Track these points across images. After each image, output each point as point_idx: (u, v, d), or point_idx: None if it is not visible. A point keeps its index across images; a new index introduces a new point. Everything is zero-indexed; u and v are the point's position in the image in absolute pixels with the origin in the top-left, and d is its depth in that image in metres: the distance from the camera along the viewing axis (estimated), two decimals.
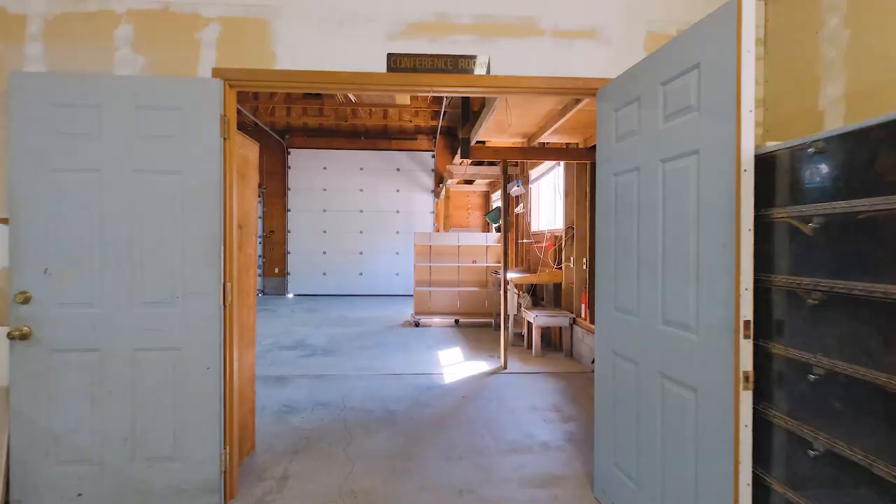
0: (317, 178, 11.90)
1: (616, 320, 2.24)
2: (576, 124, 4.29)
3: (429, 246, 7.69)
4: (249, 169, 2.83)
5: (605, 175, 2.34)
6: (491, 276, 7.70)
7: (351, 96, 9.24)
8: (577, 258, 5.33)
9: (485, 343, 6.18)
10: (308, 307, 9.64)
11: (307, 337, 6.55)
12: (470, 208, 12.12)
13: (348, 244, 11.90)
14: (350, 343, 6.17)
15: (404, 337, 6.59)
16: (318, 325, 7.45)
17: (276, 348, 5.85)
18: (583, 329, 5.09)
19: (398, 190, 11.92)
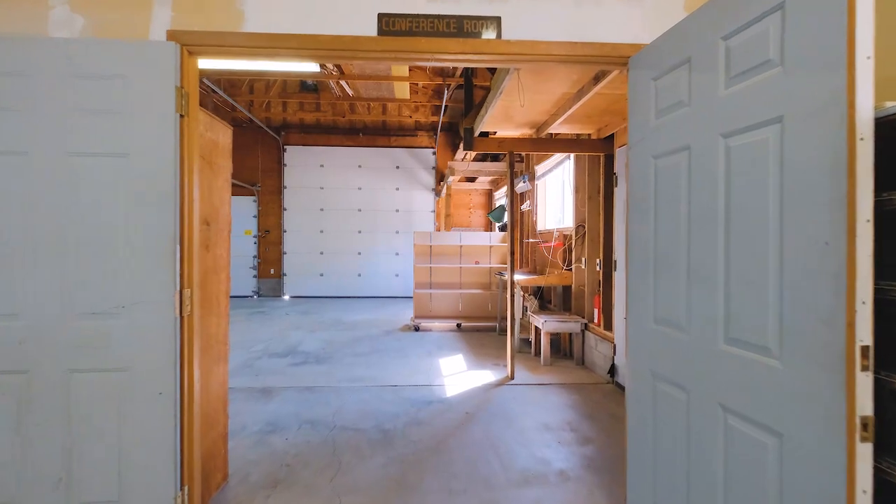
0: (314, 176, 11.52)
1: (656, 335, 1.84)
2: (590, 111, 3.89)
3: (429, 246, 7.29)
4: (219, 156, 2.43)
5: (640, 159, 1.94)
6: (495, 278, 7.30)
7: (347, 88, 8.85)
8: (589, 259, 4.93)
9: (489, 349, 5.78)
10: (304, 310, 9.25)
11: (300, 342, 6.16)
12: (472, 207, 11.73)
13: (346, 244, 11.51)
14: (345, 349, 5.77)
15: (403, 342, 6.20)
16: (313, 330, 7.06)
17: (265, 355, 5.46)
18: (596, 336, 4.69)
19: (398, 188, 11.53)
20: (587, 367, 4.89)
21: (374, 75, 8.00)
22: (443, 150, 11.58)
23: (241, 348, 5.80)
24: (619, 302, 4.13)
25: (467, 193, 11.63)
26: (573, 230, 5.32)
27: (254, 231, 11.55)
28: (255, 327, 7.26)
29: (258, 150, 11.47)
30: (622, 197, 4.05)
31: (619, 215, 4.14)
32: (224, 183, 2.47)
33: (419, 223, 11.45)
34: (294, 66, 6.73)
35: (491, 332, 6.87)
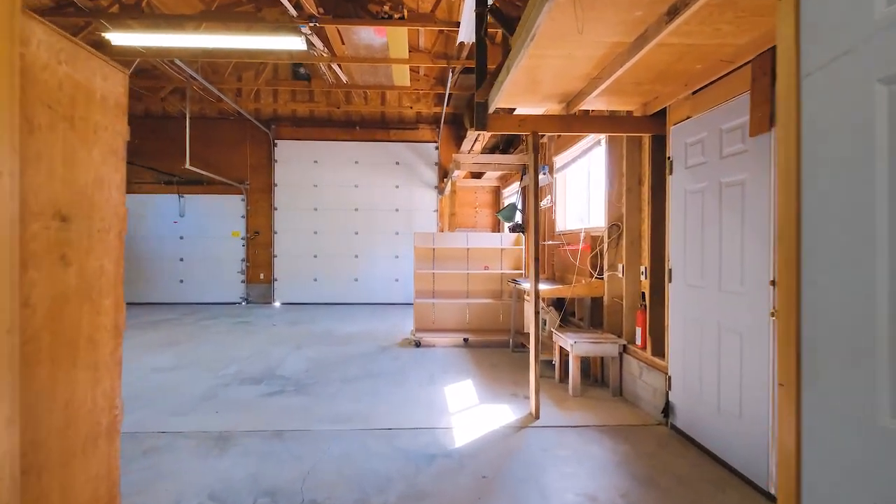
0: (307, 173, 10.63)
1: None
2: (641, 75, 2.98)
3: (432, 249, 6.38)
4: (96, 110, 1.53)
5: (843, 85, 1.02)
6: (507, 286, 6.39)
7: (341, 74, 7.96)
8: (628, 266, 4.01)
9: (503, 371, 4.87)
10: (293, 319, 8.36)
11: (281, 362, 5.26)
12: (478, 206, 10.83)
13: (342, 246, 10.62)
14: (332, 372, 4.87)
15: (401, 362, 5.29)
16: (299, 345, 6.16)
17: (236, 381, 4.56)
18: (640, 362, 3.77)
19: (398, 186, 10.64)
20: (627, 398, 3.97)
21: (370, 57, 7.11)
22: (446, 145, 10.68)
23: (208, 371, 4.90)
24: (676, 322, 3.22)
25: (472, 191, 10.73)
26: (605, 231, 4.41)
27: (242, 232, 10.67)
28: (234, 342, 6.37)
29: (246, 144, 10.60)
30: (682, 186, 3.14)
31: (676, 211, 3.22)
32: (108, 153, 1.58)
33: (421, 223, 10.56)
34: (277, 42, 5.85)
35: (503, 348, 5.95)
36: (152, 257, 10.57)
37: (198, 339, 6.61)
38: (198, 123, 10.49)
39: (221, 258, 10.63)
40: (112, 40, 6.04)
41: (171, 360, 5.35)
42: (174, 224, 10.61)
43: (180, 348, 5.97)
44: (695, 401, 2.97)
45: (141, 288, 10.54)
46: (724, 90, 2.75)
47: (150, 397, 4.08)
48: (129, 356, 5.56)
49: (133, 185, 10.54)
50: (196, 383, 4.50)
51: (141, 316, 8.72)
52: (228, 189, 10.52)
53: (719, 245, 2.74)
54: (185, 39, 5.97)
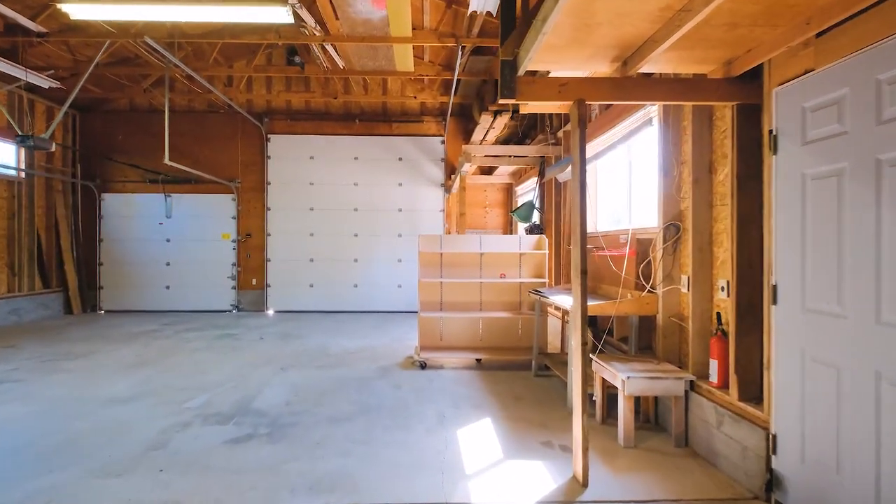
0: (302, 170, 9.78)
1: None
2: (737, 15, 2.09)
3: (439, 254, 5.49)
4: None
5: None
6: (527, 297, 5.49)
7: (336, 57, 7.09)
8: (696, 278, 3.11)
9: (528, 405, 3.97)
10: (285, 331, 7.49)
11: (260, 391, 4.38)
12: (488, 205, 9.92)
13: (340, 250, 9.76)
14: (320, 406, 3.98)
15: (404, 391, 4.40)
16: (286, 367, 5.28)
17: (199, 419, 3.68)
18: (716, 405, 2.86)
19: (400, 184, 9.76)
20: (697, 451, 3.05)
21: (369, 35, 6.24)
22: (453, 139, 9.80)
23: (170, 404, 4.03)
24: (787, 360, 2.31)
25: (482, 189, 9.84)
26: (658, 232, 3.51)
27: (233, 234, 9.83)
28: (212, 361, 5.50)
29: (237, 140, 9.76)
30: (798, 170, 2.23)
31: (786, 204, 2.32)
32: None
33: (426, 224, 9.67)
34: (258, 13, 4.99)
35: (523, 370, 5.05)
36: (137, 261, 9.75)
37: (172, 357, 5.75)
38: (186, 118, 9.68)
39: (211, 262, 9.80)
40: (70, 13, 5.22)
41: (132, 388, 4.49)
42: (160, 226, 9.78)
43: (147, 371, 5.11)
44: (829, 482, 2.05)
45: (125, 294, 9.72)
46: (884, 21, 1.84)
47: (85, 446, 3.20)
48: (85, 382, 4.71)
49: (117, 183, 9.74)
50: (150, 422, 3.63)
51: (122, 326, 7.89)
52: (218, 188, 9.68)
53: (875, 254, 1.83)
54: (154, 12, 5.13)
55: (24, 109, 8.41)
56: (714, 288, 3.07)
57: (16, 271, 8.41)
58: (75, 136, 9.65)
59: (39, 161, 8.82)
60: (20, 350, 6.10)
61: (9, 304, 8.22)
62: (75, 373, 5.04)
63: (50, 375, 4.92)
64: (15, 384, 4.63)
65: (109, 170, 9.73)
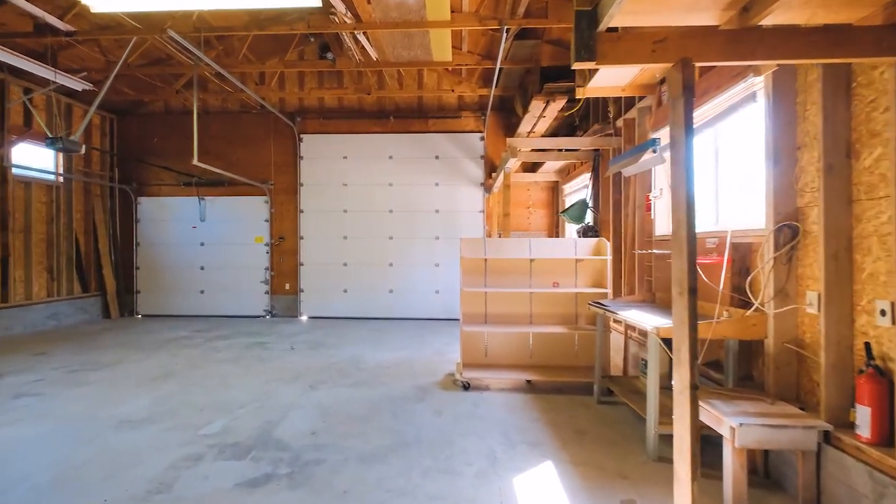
0: (335, 170, 9.39)
1: None
2: None
3: (483, 260, 4.88)
4: None
5: None
6: (585, 309, 4.80)
7: (369, 48, 6.61)
8: (829, 295, 2.38)
9: (595, 443, 3.31)
10: (316, 340, 7.06)
11: (283, 417, 3.89)
12: (531, 205, 9.24)
13: (375, 254, 9.30)
14: (350, 438, 3.45)
15: (446, 419, 3.81)
16: (314, 384, 4.80)
17: (213, 451, 3.21)
18: (871, 469, 2.12)
19: (437, 183, 9.22)
20: None
21: (402, 21, 5.70)
22: (494, 135, 9.18)
23: (186, 429, 3.60)
24: None
25: (525, 188, 9.17)
26: (768, 235, 2.78)
27: (266, 238, 9.54)
28: (239, 374, 5.10)
29: (270, 140, 9.48)
30: None
31: None
32: None
33: (465, 226, 9.08)
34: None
35: (582, 394, 4.37)
36: (172, 265, 9.62)
37: (198, 368, 5.39)
38: (219, 119, 9.49)
39: (244, 267, 9.55)
40: (91, 6, 4.93)
41: (149, 406, 4.10)
42: (194, 229, 9.61)
43: (169, 385, 4.74)
44: None
45: (161, 299, 9.61)
46: None
47: (82, 482, 2.78)
48: (103, 397, 4.36)
49: (152, 187, 9.65)
50: (159, 452, 3.19)
51: (155, 332, 7.69)
52: (251, 190, 9.42)
53: None
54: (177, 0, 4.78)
55: (60, 113, 8.37)
56: (855, 309, 2.33)
57: (55, 275, 8.38)
58: (113, 140, 9.62)
59: (77, 165, 8.79)
60: (50, 358, 5.90)
61: (48, 309, 8.18)
62: (97, 385, 4.73)
63: (71, 389, 4.62)
64: (33, 399, 4.34)
65: (145, 173, 9.64)
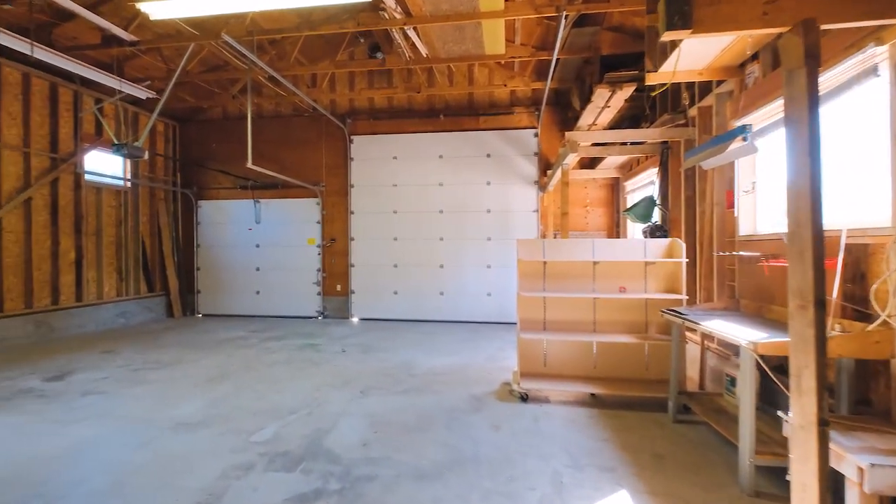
0: (385, 171, 9.31)
1: None
2: None
3: (542, 262, 4.56)
4: None
5: None
6: (655, 317, 4.37)
7: (419, 44, 6.44)
8: None
9: (676, 470, 2.93)
10: (367, 343, 6.97)
11: (334, 424, 3.75)
12: (588, 204, 8.76)
13: (425, 255, 9.14)
14: (403, 451, 3.25)
15: (505, 434, 3.53)
16: (365, 390, 4.66)
17: (263, 461, 3.10)
18: None
19: (489, 182, 8.93)
20: None
21: (455, 13, 5.47)
22: (548, 131, 8.78)
23: (238, 434, 3.53)
24: None
25: (582, 185, 8.70)
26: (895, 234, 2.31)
27: (318, 239, 9.61)
28: (291, 377, 5.05)
29: (321, 143, 9.54)
30: None
31: None
32: None
33: (518, 227, 8.74)
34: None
35: (655, 410, 3.96)
36: (230, 266, 9.89)
37: (251, 370, 5.39)
38: (272, 123, 9.67)
39: (297, 268, 9.67)
40: (150, 13, 5.04)
41: (204, 409, 4.09)
42: (250, 231, 9.84)
43: (224, 387, 4.75)
44: None
45: (220, 299, 9.91)
46: None
47: (134, 490, 2.73)
48: (162, 398, 4.40)
49: (211, 190, 9.97)
50: (211, 459, 3.11)
51: (213, 332, 7.89)
52: (303, 192, 9.53)
53: None
54: (230, 3, 4.78)
55: (127, 121, 8.77)
56: None
57: (123, 276, 8.79)
58: (175, 146, 10.01)
59: (143, 171, 9.19)
60: (116, 356, 6.12)
61: (117, 308, 8.59)
62: (156, 385, 4.81)
63: (132, 388, 4.72)
64: (98, 397, 4.45)
65: (204, 177, 9.97)
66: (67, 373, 5.29)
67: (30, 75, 7.02)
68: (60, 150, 7.47)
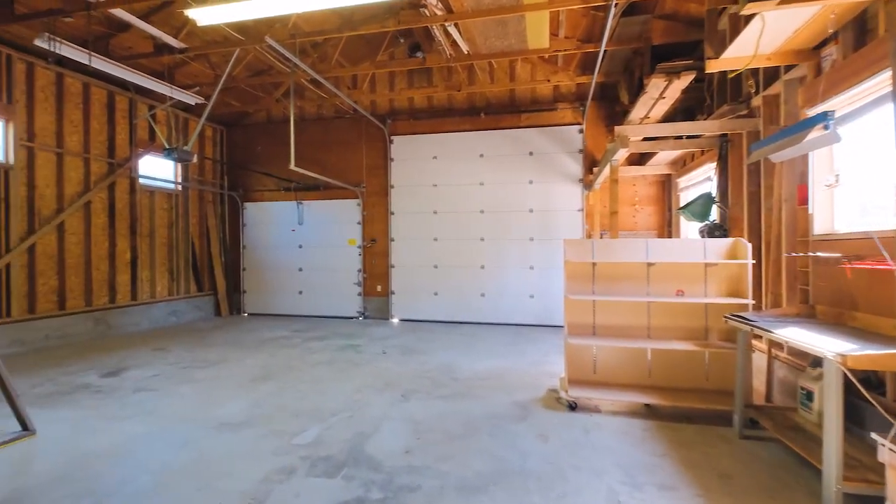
0: (425, 171, 9.24)
1: None
2: None
3: (591, 264, 4.31)
4: None
5: None
6: (717, 323, 4.05)
7: (460, 41, 6.30)
8: None
9: (746, 492, 2.65)
10: (408, 344, 6.89)
11: (375, 429, 3.67)
12: (637, 202, 8.36)
13: (466, 256, 8.99)
14: (446, 461, 3.11)
15: (553, 446, 3.34)
16: (406, 393, 4.56)
17: (305, 466, 3.04)
18: None
19: (531, 181, 8.69)
20: None
21: (497, 7, 5.31)
22: (594, 127, 8.45)
23: (280, 436, 3.50)
24: None
25: (630, 183, 8.31)
26: None
27: (358, 240, 9.66)
28: (332, 378, 5.02)
29: (362, 144, 9.58)
30: None
31: None
32: None
33: (562, 227, 8.46)
34: None
35: (718, 423, 3.65)
36: (273, 267, 10.11)
37: (294, 370, 5.42)
38: (315, 125, 9.80)
39: (338, 269, 9.75)
40: (197, 20, 5.14)
41: (247, 409, 4.11)
42: (293, 232, 10.02)
43: (267, 387, 4.77)
44: None
45: (264, 298, 10.14)
46: None
47: (176, 492, 2.72)
48: (207, 396, 4.46)
49: (256, 193, 10.21)
50: (253, 462, 3.08)
51: (257, 331, 8.04)
52: (344, 193, 9.60)
53: None
54: (274, 5, 4.80)
55: (178, 127, 9.10)
56: None
57: (174, 276, 9.12)
58: (222, 150, 10.32)
59: (193, 174, 9.51)
60: (167, 354, 6.31)
61: (169, 307, 8.91)
62: (202, 384, 4.89)
63: (180, 386, 4.82)
64: (149, 394, 4.56)
65: (250, 180, 10.22)
66: (122, 369, 5.48)
67: (90, 85, 7.37)
68: (117, 156, 7.81)
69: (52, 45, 5.46)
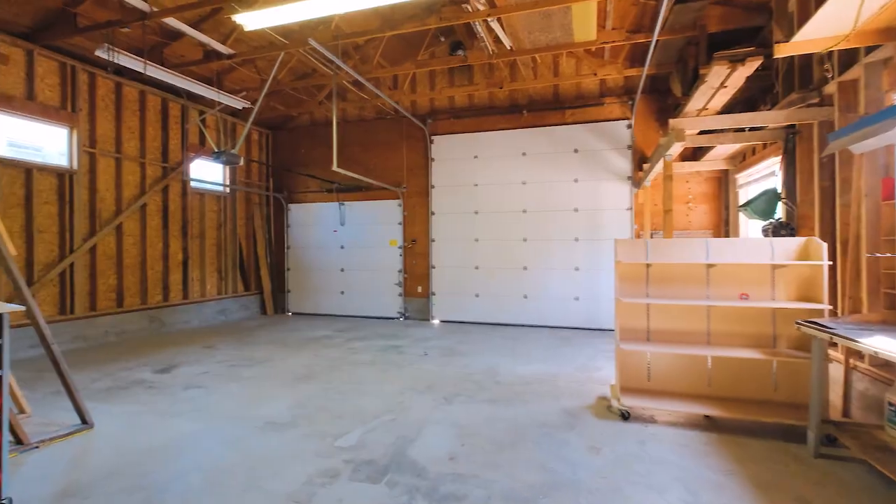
0: (466, 171, 9.13)
1: None
2: None
3: (645, 265, 4.07)
4: None
5: None
6: (786, 329, 3.72)
7: (503, 36, 6.15)
8: None
9: None
10: (449, 346, 6.80)
11: (418, 432, 3.58)
12: (691, 200, 7.94)
13: (507, 257, 8.82)
14: (494, 469, 2.98)
15: (607, 459, 3.14)
16: (449, 397, 4.46)
17: (348, 470, 2.99)
18: None
19: (576, 179, 8.42)
20: None
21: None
22: (643, 122, 8.10)
23: (323, 437, 3.47)
24: None
25: (683, 180, 7.90)
26: None
27: (399, 241, 9.66)
28: (374, 379, 4.99)
29: (403, 144, 9.58)
30: None
31: None
32: None
33: (609, 226, 8.14)
34: None
35: (788, 439, 3.35)
36: (317, 267, 10.27)
37: (336, 370, 5.43)
38: (357, 127, 9.89)
39: (379, 269, 9.79)
40: (244, 24, 5.24)
41: (291, 409, 4.12)
42: (335, 233, 10.14)
43: (310, 387, 4.79)
44: None
45: (308, 298, 10.32)
46: None
47: (224, 490, 2.72)
48: (252, 395, 4.53)
49: (300, 194, 10.41)
50: (297, 464, 3.06)
51: (301, 331, 8.17)
52: (385, 194, 9.63)
53: None
54: (316, 7, 4.82)
55: (227, 131, 9.39)
56: None
57: (223, 275, 9.41)
58: (268, 153, 10.59)
59: (240, 177, 9.80)
60: (216, 352, 6.48)
61: (218, 305, 9.21)
62: (249, 382, 4.97)
63: (227, 384, 4.91)
64: (198, 391, 4.67)
65: (294, 182, 10.43)
66: (174, 366, 5.65)
67: (145, 92, 7.70)
68: (170, 160, 8.12)
69: (111, 55, 5.71)
